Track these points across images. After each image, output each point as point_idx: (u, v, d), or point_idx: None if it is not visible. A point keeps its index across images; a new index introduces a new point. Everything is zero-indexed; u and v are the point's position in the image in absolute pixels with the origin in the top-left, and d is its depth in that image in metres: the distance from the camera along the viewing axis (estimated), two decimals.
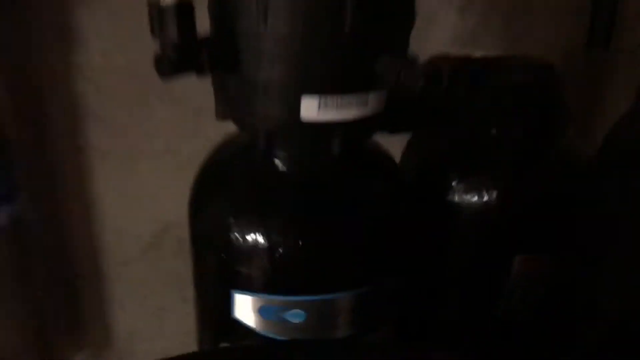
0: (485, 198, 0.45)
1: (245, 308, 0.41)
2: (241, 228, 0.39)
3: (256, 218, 0.39)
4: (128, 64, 0.59)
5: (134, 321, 0.75)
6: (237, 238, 0.39)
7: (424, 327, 0.50)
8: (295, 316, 0.41)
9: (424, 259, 0.47)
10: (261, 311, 0.41)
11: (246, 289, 0.41)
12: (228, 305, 0.42)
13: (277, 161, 0.40)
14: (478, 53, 0.47)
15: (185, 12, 0.33)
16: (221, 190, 0.42)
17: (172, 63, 0.33)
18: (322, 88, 0.35)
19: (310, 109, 0.35)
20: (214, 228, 0.41)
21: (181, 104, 0.62)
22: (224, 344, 0.45)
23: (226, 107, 0.39)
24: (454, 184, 0.46)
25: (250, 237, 0.39)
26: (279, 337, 0.42)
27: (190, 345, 0.80)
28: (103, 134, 0.62)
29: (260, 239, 0.39)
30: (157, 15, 0.33)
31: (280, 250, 0.39)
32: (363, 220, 0.40)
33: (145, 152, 0.64)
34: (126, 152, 0.64)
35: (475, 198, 0.45)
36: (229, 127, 0.42)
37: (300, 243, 0.39)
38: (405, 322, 0.48)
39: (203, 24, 0.36)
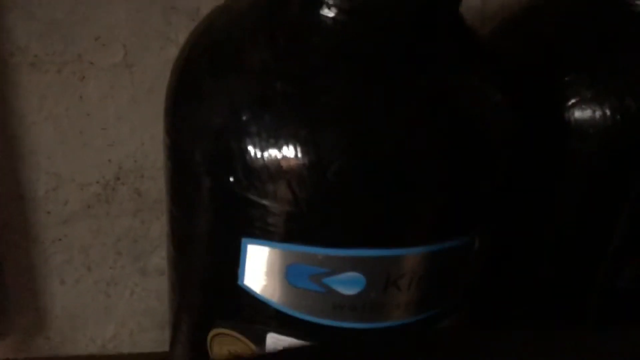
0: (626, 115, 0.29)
1: (262, 269, 0.25)
2: (264, 128, 0.23)
3: (292, 110, 0.23)
4: None
5: (75, 298, 0.58)
6: (256, 146, 0.23)
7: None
8: (349, 283, 0.24)
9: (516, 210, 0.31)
10: (291, 274, 0.25)
11: (267, 236, 0.24)
12: (232, 264, 0.25)
13: (329, 12, 0.23)
14: None
15: None
16: (227, 67, 0.25)
17: None
18: None
19: None
20: (214, 130, 0.24)
21: None
22: (219, 331, 0.28)
23: None
24: (573, 91, 0.30)
25: (279, 144, 0.22)
26: (315, 319, 0.26)
27: (149, 330, 0.63)
28: (34, 34, 0.44)
29: (299, 146, 0.22)
30: None
31: (334, 166, 0.22)
32: (474, 126, 0.24)
33: (94, 64, 0.47)
34: (68, 63, 0.46)
35: (609, 113, 0.30)
36: None
37: (369, 154, 0.22)
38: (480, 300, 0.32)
39: None
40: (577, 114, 0.30)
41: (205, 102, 0.25)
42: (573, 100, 0.30)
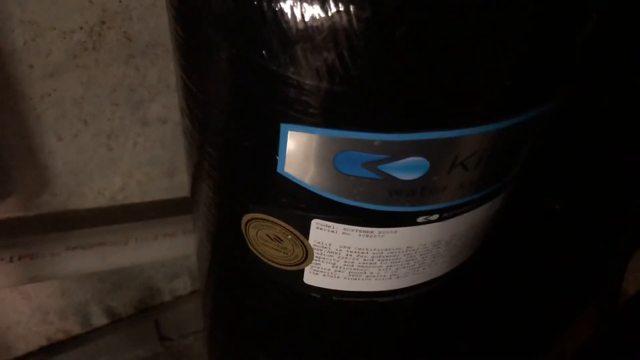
0: None
1: (306, 157, 0.21)
2: None
3: None
4: None
5: (76, 154, 0.54)
6: (295, 6, 0.17)
7: None
8: (410, 168, 0.21)
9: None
10: (340, 161, 0.21)
11: (311, 120, 0.20)
12: (269, 151, 0.21)
13: None
14: None
15: None
16: None
17: None
18: None
19: None
20: None
21: None
22: (253, 215, 0.25)
23: None
24: None
25: (327, 1, 0.17)
26: (368, 206, 0.22)
27: (157, 179, 0.61)
28: None
29: (354, 3, 0.17)
30: None
31: (400, 29, 0.17)
32: None
33: None
34: None
35: None
36: None
37: (443, 12, 0.17)
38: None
39: None
40: None
41: None
42: None
